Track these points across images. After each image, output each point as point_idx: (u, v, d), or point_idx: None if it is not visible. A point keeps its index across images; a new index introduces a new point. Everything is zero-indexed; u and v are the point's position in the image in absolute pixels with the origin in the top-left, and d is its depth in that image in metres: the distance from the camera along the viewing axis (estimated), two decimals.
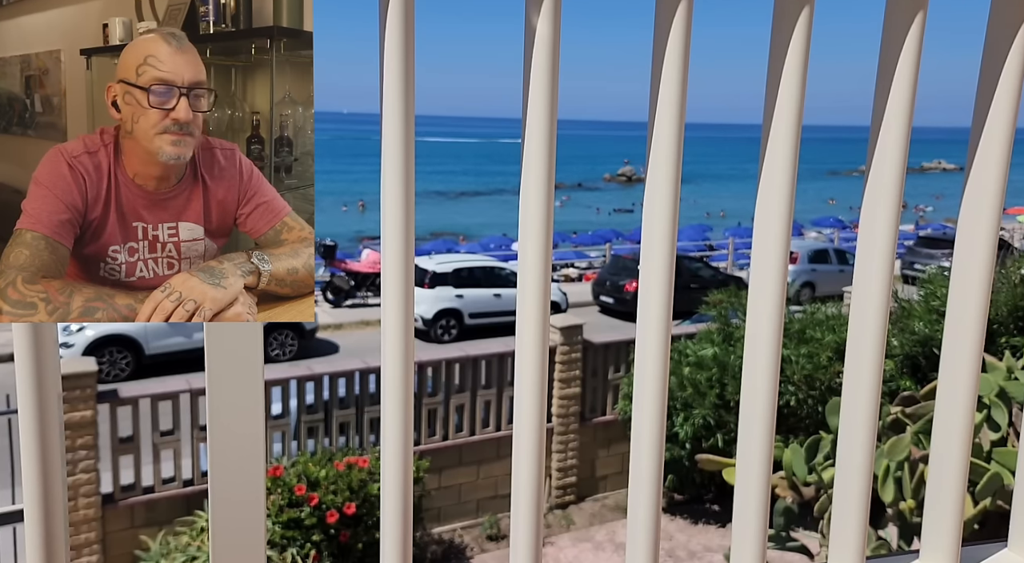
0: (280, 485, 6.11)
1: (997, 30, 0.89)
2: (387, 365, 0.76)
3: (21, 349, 0.68)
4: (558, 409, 8.23)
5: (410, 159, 0.73)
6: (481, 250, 24.11)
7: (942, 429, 0.98)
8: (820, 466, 3.68)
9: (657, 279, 0.81)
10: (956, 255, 0.95)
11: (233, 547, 0.76)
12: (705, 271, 17.52)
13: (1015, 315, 4.69)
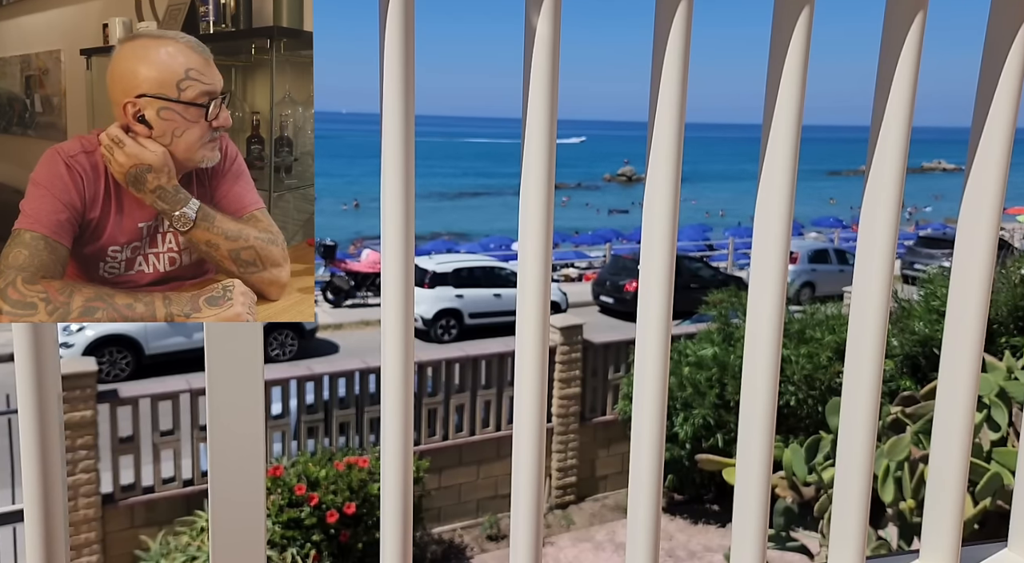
0: (280, 485, 6.11)
1: (997, 30, 0.89)
2: (387, 365, 0.76)
3: (21, 349, 0.68)
4: (558, 409, 8.23)
5: (410, 159, 0.73)
6: (481, 250, 24.11)
7: (942, 429, 0.98)
8: (820, 466, 3.68)
9: (657, 279, 0.81)
10: (956, 255, 0.95)
11: (233, 547, 0.76)
12: (705, 271, 17.51)
13: (1015, 315, 4.69)
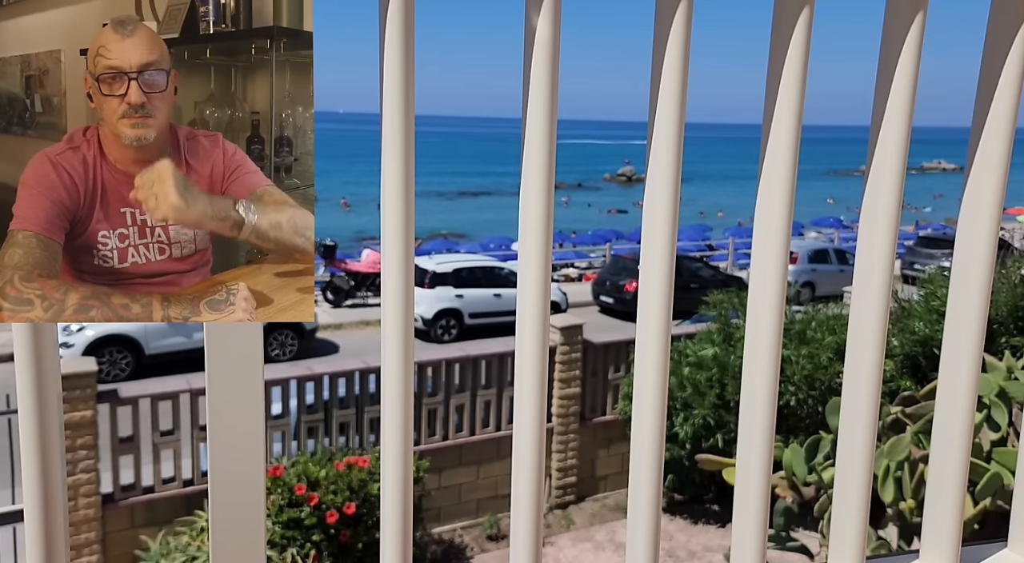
0: (280, 485, 6.11)
1: (997, 30, 0.89)
2: (387, 365, 0.76)
3: (21, 349, 0.68)
4: (558, 409, 8.23)
5: (410, 159, 0.73)
6: (481, 250, 24.11)
7: (942, 429, 0.98)
8: (820, 466, 3.68)
9: (657, 279, 0.81)
10: (956, 255, 0.95)
11: (233, 547, 0.76)
12: (705, 271, 17.51)
13: (1015, 315, 4.69)
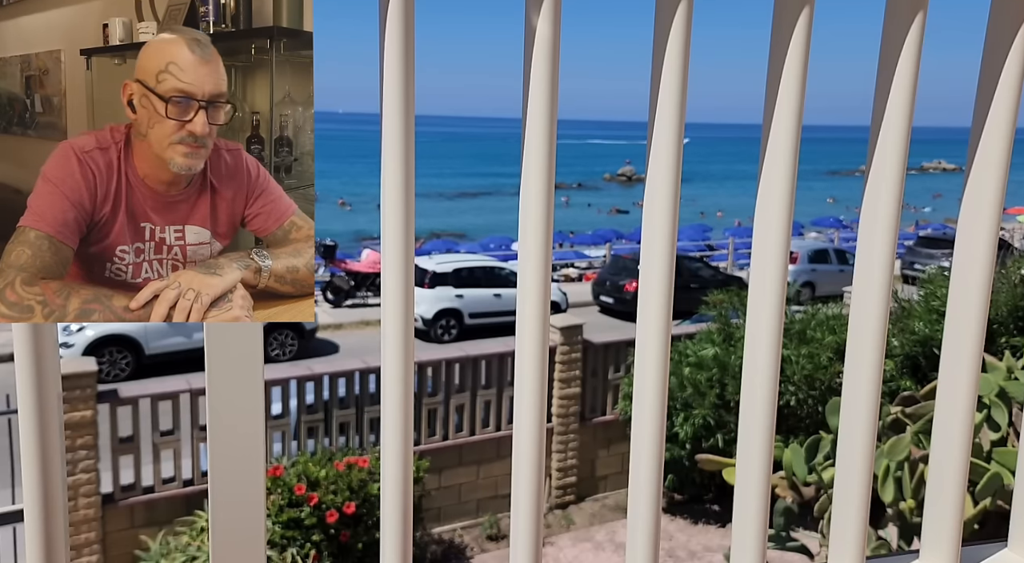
0: (280, 485, 6.11)
1: (997, 30, 0.89)
2: (387, 365, 0.76)
3: (21, 349, 0.68)
4: (558, 409, 8.23)
5: (410, 159, 0.73)
6: (481, 250, 24.11)
7: (942, 429, 0.98)
8: (820, 466, 3.68)
9: (657, 279, 0.81)
10: (956, 255, 0.95)
11: (233, 547, 0.76)
12: (705, 271, 17.51)
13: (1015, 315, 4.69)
